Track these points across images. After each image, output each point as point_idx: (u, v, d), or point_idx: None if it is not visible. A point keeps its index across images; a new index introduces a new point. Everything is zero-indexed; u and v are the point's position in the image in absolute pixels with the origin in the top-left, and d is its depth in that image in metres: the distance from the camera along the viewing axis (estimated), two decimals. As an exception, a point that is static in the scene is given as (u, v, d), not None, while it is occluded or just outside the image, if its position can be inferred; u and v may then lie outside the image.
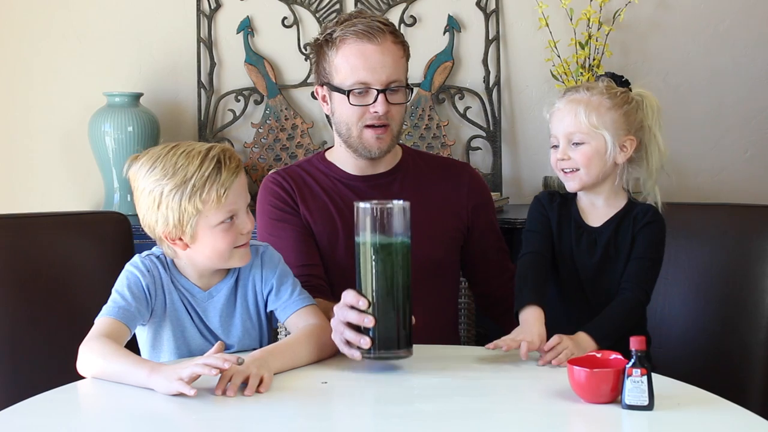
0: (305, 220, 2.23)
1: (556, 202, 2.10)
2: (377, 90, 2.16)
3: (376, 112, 2.16)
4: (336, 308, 1.86)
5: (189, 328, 1.97)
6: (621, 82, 2.09)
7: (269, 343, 2.01)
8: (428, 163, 2.36)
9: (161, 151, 1.91)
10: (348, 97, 2.16)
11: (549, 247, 2.07)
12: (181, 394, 1.67)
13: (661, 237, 2.06)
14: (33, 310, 2.29)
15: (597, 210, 2.08)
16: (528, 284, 2.00)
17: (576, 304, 2.07)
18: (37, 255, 2.33)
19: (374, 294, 1.80)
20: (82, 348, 1.82)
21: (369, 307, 1.80)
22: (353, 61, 2.16)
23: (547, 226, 2.09)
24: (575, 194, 2.10)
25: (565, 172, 2.06)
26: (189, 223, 1.87)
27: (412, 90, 2.25)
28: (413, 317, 1.84)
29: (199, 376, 1.67)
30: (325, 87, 2.23)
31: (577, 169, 2.04)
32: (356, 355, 1.82)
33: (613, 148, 2.02)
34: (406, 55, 2.23)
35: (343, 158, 2.28)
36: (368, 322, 1.80)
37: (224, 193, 1.87)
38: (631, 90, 2.08)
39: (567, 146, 2.04)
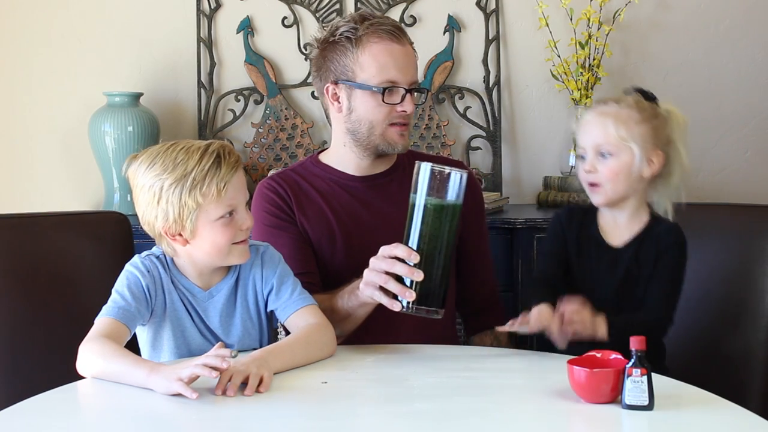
0: (301, 226, 2.22)
1: (576, 220, 2.09)
2: (405, 89, 2.17)
3: (404, 110, 2.17)
4: (375, 260, 1.89)
5: (189, 327, 1.97)
6: (648, 96, 2.09)
7: (269, 343, 2.01)
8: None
9: (160, 148, 1.91)
10: (382, 95, 2.16)
11: (561, 271, 2.08)
12: (180, 394, 1.67)
13: (685, 258, 2.05)
14: (33, 310, 2.29)
15: (619, 228, 2.07)
16: (538, 298, 1.99)
17: None
18: (37, 255, 2.33)
19: (423, 251, 1.85)
20: (81, 348, 1.82)
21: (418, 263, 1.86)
22: (383, 60, 2.15)
23: (562, 247, 2.09)
24: (596, 209, 2.09)
25: (591, 185, 2.05)
26: (189, 218, 1.88)
27: (428, 92, 2.26)
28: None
29: (198, 376, 1.68)
30: (341, 84, 2.20)
31: (603, 184, 2.03)
32: (396, 306, 1.87)
33: (641, 162, 2.02)
34: (416, 58, 2.25)
35: (343, 159, 2.27)
36: (418, 276, 1.85)
37: (224, 187, 1.87)
38: (659, 105, 2.08)
39: (594, 158, 2.04)
